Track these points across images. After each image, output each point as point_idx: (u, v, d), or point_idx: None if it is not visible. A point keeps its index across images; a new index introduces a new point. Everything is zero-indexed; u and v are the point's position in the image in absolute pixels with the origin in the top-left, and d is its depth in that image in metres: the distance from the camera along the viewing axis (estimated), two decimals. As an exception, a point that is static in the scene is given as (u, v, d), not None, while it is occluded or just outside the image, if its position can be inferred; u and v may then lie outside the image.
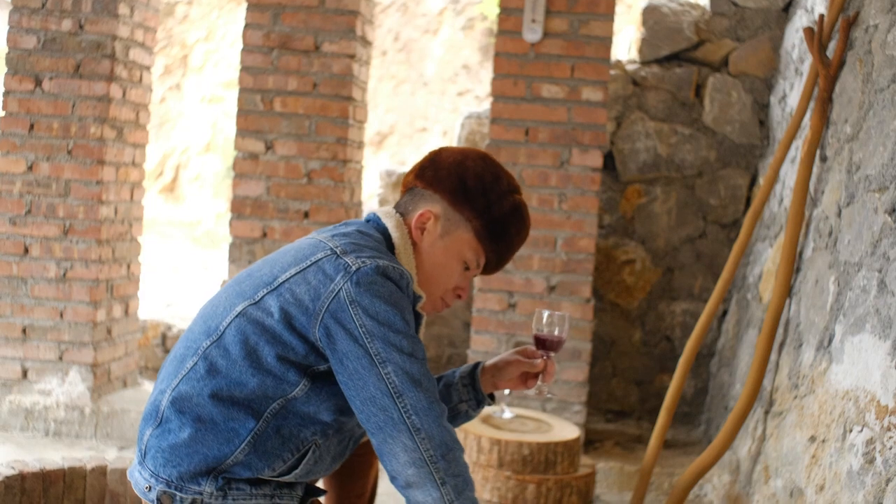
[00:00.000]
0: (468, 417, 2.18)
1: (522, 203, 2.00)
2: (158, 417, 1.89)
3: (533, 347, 2.11)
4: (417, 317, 1.99)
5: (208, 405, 1.84)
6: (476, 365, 2.16)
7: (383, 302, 1.79)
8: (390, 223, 1.97)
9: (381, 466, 3.47)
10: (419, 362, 1.81)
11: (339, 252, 1.85)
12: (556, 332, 2.08)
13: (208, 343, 1.88)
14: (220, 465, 1.83)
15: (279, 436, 1.84)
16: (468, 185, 1.95)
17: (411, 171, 2.02)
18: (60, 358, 4.16)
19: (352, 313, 1.79)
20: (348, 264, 1.82)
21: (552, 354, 2.09)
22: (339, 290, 1.80)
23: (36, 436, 4.10)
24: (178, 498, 1.84)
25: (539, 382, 2.11)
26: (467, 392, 2.14)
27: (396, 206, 2.03)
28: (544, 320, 2.08)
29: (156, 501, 1.85)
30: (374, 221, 2.00)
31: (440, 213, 1.96)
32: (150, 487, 1.86)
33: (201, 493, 1.83)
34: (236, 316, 1.88)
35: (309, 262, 1.87)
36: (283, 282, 1.87)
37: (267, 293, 1.87)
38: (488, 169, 1.98)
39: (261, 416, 1.83)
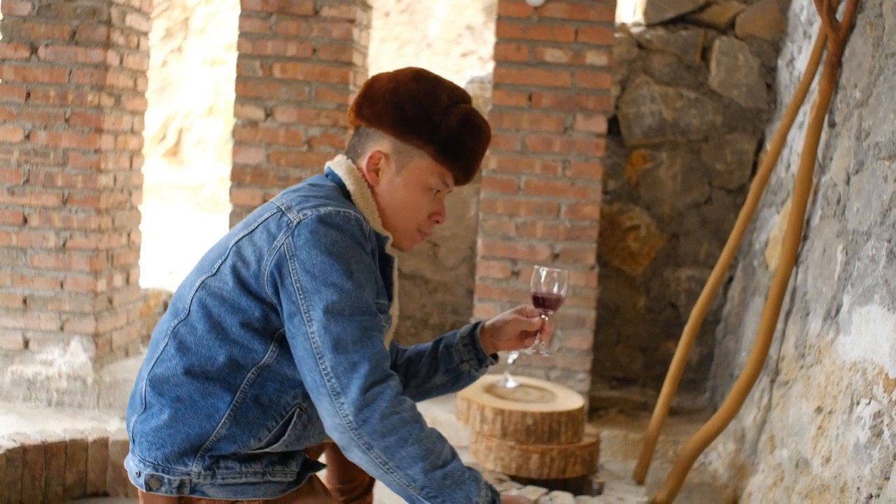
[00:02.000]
0: (471, 378, 2.16)
1: (470, 110, 1.92)
2: (142, 403, 1.88)
3: (532, 306, 2.07)
4: (386, 259, 1.95)
5: (185, 383, 1.83)
6: (476, 325, 2.14)
7: (321, 253, 1.74)
8: (342, 171, 1.93)
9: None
10: (347, 320, 1.73)
11: (283, 209, 1.82)
12: (554, 291, 2.04)
13: (176, 322, 1.87)
14: (204, 443, 1.81)
15: (259, 405, 1.82)
16: (408, 113, 1.88)
17: (351, 110, 1.96)
18: (62, 328, 4.14)
19: (290, 269, 1.76)
20: (290, 220, 1.78)
21: (551, 313, 2.05)
22: (280, 247, 1.77)
23: (38, 406, 4.09)
24: (166, 480, 1.83)
25: (536, 341, 2.07)
26: (468, 352, 2.12)
27: (347, 152, 1.98)
28: (543, 279, 2.04)
29: (145, 486, 1.84)
30: (331, 175, 1.96)
31: (389, 150, 1.90)
32: (139, 473, 1.85)
33: (189, 474, 1.82)
34: (197, 290, 1.86)
35: (256, 224, 1.85)
36: (232, 246, 1.85)
37: (222, 262, 1.85)
38: (424, 89, 1.89)
39: (237, 388, 1.81)
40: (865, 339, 2.52)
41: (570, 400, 3.27)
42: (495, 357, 2.17)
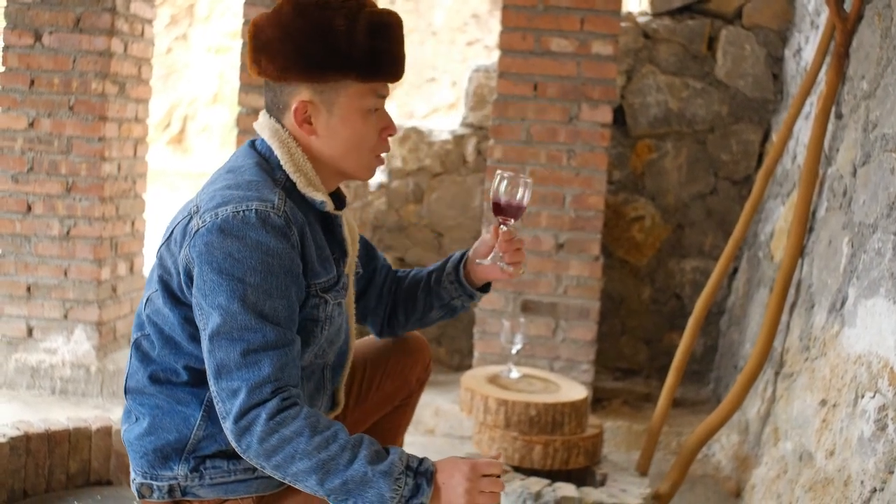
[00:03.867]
0: (465, 308, 2.15)
1: (371, 15, 1.77)
2: (127, 413, 1.90)
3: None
4: (329, 220, 1.90)
5: (155, 392, 1.83)
6: (462, 257, 2.10)
7: (210, 270, 1.68)
8: (266, 134, 1.83)
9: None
10: (230, 344, 1.67)
11: (192, 212, 1.75)
12: (517, 198, 1.93)
13: (138, 335, 1.87)
14: (185, 446, 1.81)
15: None
16: (312, 54, 1.75)
17: (249, 64, 1.82)
18: (65, 316, 4.14)
19: (194, 283, 1.72)
20: (191, 228, 1.72)
21: (511, 222, 1.96)
22: (184, 259, 1.73)
23: (42, 394, 4.10)
24: (155, 487, 1.83)
25: (493, 252, 2.00)
26: (456, 290, 2.10)
27: (267, 109, 1.87)
28: (503, 184, 1.93)
29: (137, 494, 1.85)
30: (259, 142, 1.87)
31: (310, 95, 1.79)
32: (133, 480, 1.86)
33: (176, 478, 1.81)
34: (146, 306, 1.85)
35: (171, 229, 1.80)
36: (157, 255, 1.83)
37: (155, 273, 1.83)
38: (315, 22, 1.74)
39: (205, 392, 1.80)
40: (871, 332, 2.51)
41: (573, 391, 3.26)
42: (485, 288, 2.13)
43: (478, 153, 4.79)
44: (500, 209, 1.95)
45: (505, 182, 1.93)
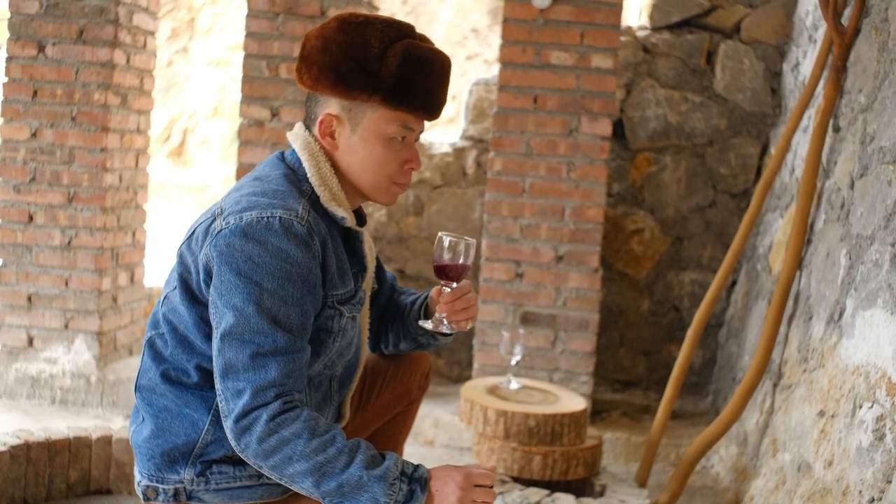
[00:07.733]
0: (432, 346, 2.20)
1: (409, 46, 1.79)
2: (136, 414, 1.91)
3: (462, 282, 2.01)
4: (350, 235, 1.92)
5: (166, 392, 1.84)
6: (425, 300, 2.15)
7: (229, 271, 1.70)
8: (298, 145, 1.87)
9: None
10: (240, 345, 1.69)
11: (217, 214, 1.78)
12: (459, 260, 1.94)
13: (152, 334, 1.89)
14: (193, 450, 1.82)
15: None
16: (343, 70, 1.78)
17: (295, 74, 1.88)
18: (66, 326, 4.15)
19: (212, 282, 1.74)
20: (214, 229, 1.75)
21: (453, 284, 1.98)
22: (205, 258, 1.76)
23: (42, 404, 4.10)
24: (161, 490, 1.84)
25: (437, 314, 2.02)
26: (418, 328, 2.15)
27: (304, 121, 1.92)
28: (445, 248, 1.94)
29: (142, 496, 1.85)
30: (289, 153, 1.90)
31: (338, 111, 1.83)
32: (139, 483, 1.87)
33: (182, 482, 1.83)
34: (163, 304, 1.88)
35: (194, 228, 1.83)
36: (178, 253, 1.85)
37: (175, 272, 1.86)
38: (351, 39, 1.78)
39: (215, 395, 1.81)
40: (868, 343, 2.53)
41: (572, 402, 3.27)
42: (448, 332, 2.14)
43: (478, 166, 4.81)
44: (442, 272, 1.96)
45: (447, 245, 1.95)
